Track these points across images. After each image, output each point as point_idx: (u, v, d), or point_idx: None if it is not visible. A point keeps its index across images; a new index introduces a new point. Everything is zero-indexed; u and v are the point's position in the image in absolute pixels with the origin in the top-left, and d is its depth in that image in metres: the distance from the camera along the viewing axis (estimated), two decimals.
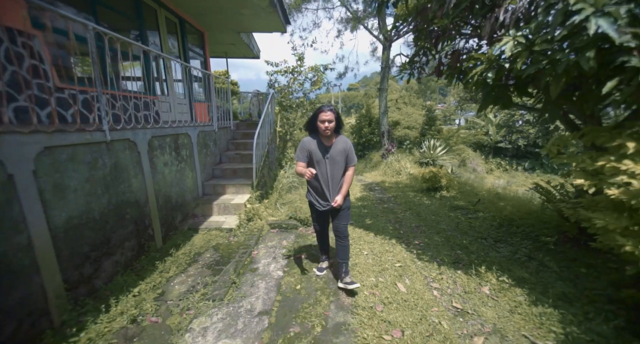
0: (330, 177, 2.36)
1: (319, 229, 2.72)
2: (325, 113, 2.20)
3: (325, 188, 2.38)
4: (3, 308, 1.67)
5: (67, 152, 2.12)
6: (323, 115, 2.20)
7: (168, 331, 2.02)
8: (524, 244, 3.43)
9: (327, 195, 2.39)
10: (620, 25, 1.58)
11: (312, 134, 2.38)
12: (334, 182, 2.38)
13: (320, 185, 2.38)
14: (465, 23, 2.67)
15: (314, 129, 2.33)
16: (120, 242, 2.65)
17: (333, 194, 2.39)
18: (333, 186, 2.38)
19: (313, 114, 2.29)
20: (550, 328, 2.02)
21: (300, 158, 2.33)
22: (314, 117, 2.27)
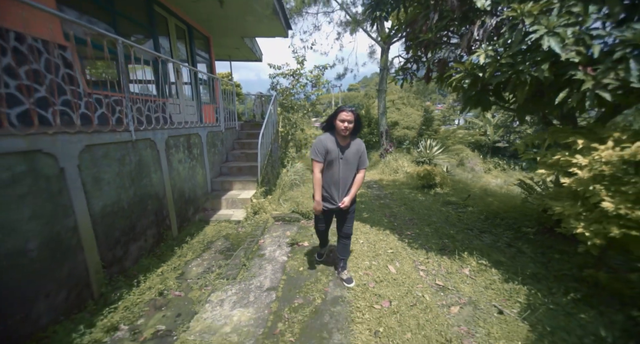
0: (342, 178, 2.35)
1: (321, 230, 2.69)
2: (346, 113, 2.17)
3: (335, 189, 2.37)
4: (58, 277, 2.02)
5: (102, 150, 2.47)
6: (344, 114, 2.17)
7: (190, 302, 2.36)
8: (505, 234, 3.77)
9: (335, 195, 2.39)
10: (567, 44, 1.93)
11: (328, 133, 2.33)
12: (345, 184, 2.37)
13: (330, 185, 2.37)
14: (448, 36, 3.01)
15: (331, 127, 2.30)
16: (144, 230, 3.00)
17: (342, 195, 2.39)
18: (343, 187, 2.38)
19: (333, 112, 2.27)
20: (517, 300, 2.36)
21: (318, 157, 2.28)
22: (334, 116, 2.24)
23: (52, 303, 1.97)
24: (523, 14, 2.00)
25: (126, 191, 2.75)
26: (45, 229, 1.94)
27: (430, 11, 2.74)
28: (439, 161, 9.66)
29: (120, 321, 2.09)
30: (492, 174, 15.71)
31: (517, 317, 2.16)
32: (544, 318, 2.12)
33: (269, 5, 5.35)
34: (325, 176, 2.36)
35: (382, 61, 11.95)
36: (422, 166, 7.48)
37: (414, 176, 7.29)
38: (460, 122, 22.23)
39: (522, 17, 2.00)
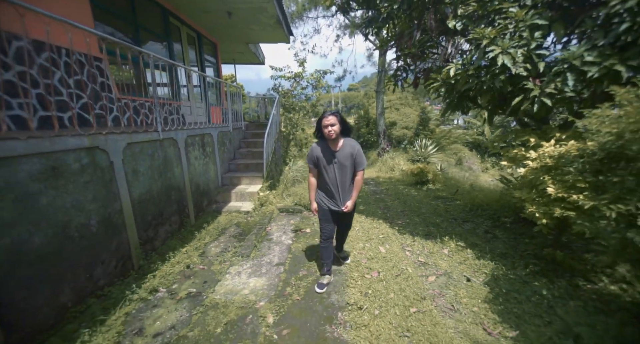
0: (340, 182, 2.37)
1: (327, 235, 2.54)
2: (326, 118, 2.23)
3: (335, 192, 2.42)
4: (110, 249, 2.51)
5: (139, 147, 2.96)
6: (325, 121, 2.24)
7: (213, 273, 2.85)
8: (485, 223, 4.25)
9: (337, 199, 2.44)
10: (517, 61, 2.41)
11: (320, 140, 2.40)
12: (343, 187, 2.40)
13: (330, 189, 2.42)
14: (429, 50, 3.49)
15: (321, 135, 2.36)
16: (169, 216, 3.49)
17: (343, 198, 2.43)
18: (342, 191, 2.40)
19: (317, 121, 2.35)
20: (484, 272, 2.84)
21: (310, 165, 2.43)
22: (319, 124, 2.32)
23: (106, 269, 2.46)
24: (484, 37, 2.48)
25: (156, 182, 3.24)
26: (101, 209, 2.43)
27: (414, 29, 3.23)
28: (433, 159, 10.14)
29: (158, 285, 2.58)
30: (489, 173, 16.15)
31: (482, 284, 2.64)
32: (503, 284, 2.60)
33: (273, 15, 5.83)
34: (324, 181, 2.43)
35: (380, 63, 12.43)
36: (416, 164, 7.95)
37: (409, 173, 7.78)
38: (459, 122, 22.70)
39: (483, 39, 2.48)
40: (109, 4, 3.74)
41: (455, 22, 2.76)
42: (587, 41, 2.27)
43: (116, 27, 3.98)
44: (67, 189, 2.11)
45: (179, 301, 2.40)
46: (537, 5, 2.60)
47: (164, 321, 2.16)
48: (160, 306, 2.33)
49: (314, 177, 2.49)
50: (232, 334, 2.02)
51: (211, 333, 2.02)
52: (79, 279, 2.21)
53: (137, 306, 2.31)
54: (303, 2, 12.76)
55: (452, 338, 1.94)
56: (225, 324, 2.11)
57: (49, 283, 1.96)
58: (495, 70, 2.50)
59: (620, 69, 2.04)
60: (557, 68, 2.32)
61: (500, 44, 2.45)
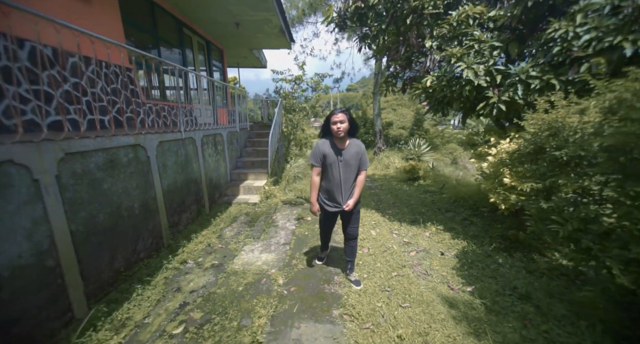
0: (343, 181, 2.36)
1: (324, 231, 2.74)
2: (336, 115, 2.22)
3: (337, 191, 2.38)
4: (147, 229, 3.06)
5: (167, 145, 3.51)
6: (334, 117, 2.22)
7: (230, 250, 3.41)
8: (465, 212, 4.82)
9: (339, 198, 2.41)
10: (479, 75, 2.98)
11: (326, 137, 2.38)
12: (347, 185, 2.38)
13: (333, 188, 2.39)
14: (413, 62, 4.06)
15: (328, 133, 2.36)
16: (189, 205, 4.05)
17: (345, 197, 2.40)
18: (345, 189, 2.39)
19: (326, 118, 2.32)
20: (456, 248, 3.41)
21: (316, 162, 2.36)
22: (327, 121, 2.30)
23: (145, 244, 3.02)
24: (453, 55, 3.05)
25: (179, 175, 3.80)
26: (141, 196, 2.99)
27: (400, 45, 3.80)
28: (426, 158, 10.71)
29: (187, 258, 3.14)
30: None
31: (452, 257, 3.21)
32: (470, 257, 3.17)
33: (276, 25, 6.39)
34: (327, 179, 2.40)
35: (376, 67, 13.00)
36: (408, 162, 8.52)
37: (402, 170, 8.35)
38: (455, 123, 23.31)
39: (452, 56, 3.05)
40: (135, 21, 4.29)
41: (431, 41, 3.33)
42: (532, 59, 2.85)
43: (141, 39, 4.53)
44: (119, 178, 2.67)
45: (205, 270, 2.96)
46: (498, 28, 3.17)
47: (195, 282, 2.71)
48: (191, 273, 2.89)
49: (318, 175, 2.41)
50: (251, 291, 2.58)
51: (235, 290, 2.58)
52: (127, 250, 2.76)
53: (172, 273, 2.87)
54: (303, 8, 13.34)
55: (422, 292, 2.51)
56: (245, 285, 2.67)
57: (108, 250, 2.51)
58: (462, 81, 3.07)
59: (554, 82, 2.62)
60: (510, 80, 2.90)
61: (465, 61, 3.02)
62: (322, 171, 2.41)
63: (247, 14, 5.69)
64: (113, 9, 3.77)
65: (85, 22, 3.20)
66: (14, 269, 1.72)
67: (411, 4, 3.31)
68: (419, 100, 3.82)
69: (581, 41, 2.44)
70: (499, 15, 3.11)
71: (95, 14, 3.46)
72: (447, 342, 1.92)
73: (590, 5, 2.45)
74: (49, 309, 1.93)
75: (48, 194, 1.94)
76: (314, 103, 11.08)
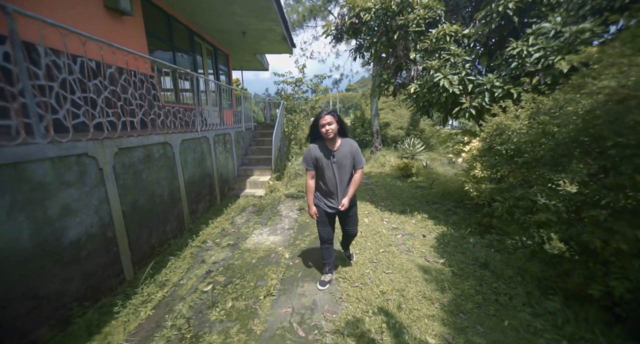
0: (339, 181, 2.33)
1: (325, 237, 2.58)
2: (323, 117, 2.20)
3: (334, 192, 2.37)
4: (174, 213, 3.61)
5: (187, 143, 4.06)
6: (322, 120, 2.20)
7: (242, 233, 3.96)
8: (450, 204, 5.39)
9: (336, 199, 2.39)
10: (454, 84, 3.54)
11: (316, 141, 2.36)
12: (342, 186, 2.36)
13: (329, 189, 2.37)
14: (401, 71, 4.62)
15: (317, 136, 2.33)
16: (204, 196, 4.60)
17: (341, 197, 2.38)
18: (341, 190, 2.36)
19: (313, 121, 2.29)
20: (437, 232, 3.97)
21: (308, 165, 2.36)
22: (315, 124, 2.28)
23: (171, 227, 3.57)
24: (432, 67, 3.61)
25: (196, 169, 4.35)
26: (169, 185, 3.54)
27: (389, 55, 4.36)
28: (420, 156, 11.27)
29: (206, 239, 3.69)
30: None
31: (432, 238, 3.77)
32: (447, 238, 3.72)
33: (279, 34, 6.94)
34: (322, 181, 2.39)
35: (374, 69, 13.55)
36: (402, 160, 9.08)
37: (396, 168, 8.91)
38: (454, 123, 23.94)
39: (431, 68, 3.61)
40: (155, 32, 4.83)
41: (415, 54, 3.89)
42: (497, 71, 3.41)
43: (160, 49, 5.08)
44: (153, 170, 3.22)
45: (223, 248, 3.51)
46: (472, 44, 3.74)
47: (216, 257, 3.27)
48: (211, 250, 3.44)
49: (312, 179, 2.40)
50: (262, 262, 3.13)
51: (249, 262, 3.14)
52: (159, 231, 3.31)
53: (196, 250, 3.42)
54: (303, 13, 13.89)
55: (403, 263, 3.06)
56: (257, 258, 3.22)
57: (146, 229, 3.06)
58: (440, 89, 3.63)
59: (513, 91, 3.18)
60: (479, 89, 3.46)
61: (442, 72, 3.58)
62: (316, 173, 2.39)
63: (252, 24, 6.24)
64: (139, 25, 4.32)
65: (119, 38, 3.76)
66: (89, 236, 2.28)
67: (398, 22, 3.86)
68: (406, 104, 4.37)
69: (532, 58, 3.01)
70: (471, 33, 3.67)
71: (127, 30, 4.01)
72: (418, 295, 2.48)
73: (540, 29, 3.02)
74: (109, 270, 2.48)
75: (108, 180, 2.49)
76: (313, 104, 11.63)
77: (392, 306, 2.33)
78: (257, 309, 2.33)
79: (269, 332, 2.08)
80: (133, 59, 3.41)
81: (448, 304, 2.36)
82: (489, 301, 2.38)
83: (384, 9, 3.95)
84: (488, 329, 2.07)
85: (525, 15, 3.24)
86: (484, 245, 3.49)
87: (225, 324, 2.16)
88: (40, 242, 1.90)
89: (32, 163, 1.86)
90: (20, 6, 1.78)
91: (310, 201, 2.44)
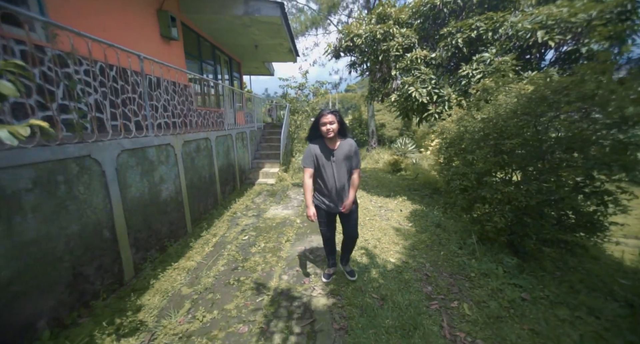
0: (338, 181, 2.33)
1: (327, 235, 2.62)
2: (325, 116, 2.21)
3: (333, 192, 2.36)
4: (212, 191, 4.79)
5: (220, 138, 5.23)
6: (324, 118, 2.21)
7: (262, 208, 5.15)
8: (428, 191, 6.58)
9: (335, 198, 2.38)
10: (423, 95, 4.74)
11: (316, 140, 2.37)
12: (342, 187, 2.35)
13: (328, 189, 2.36)
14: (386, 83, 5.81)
15: (317, 135, 2.34)
16: (229, 181, 5.78)
17: (341, 197, 2.38)
18: (340, 189, 2.36)
19: (315, 120, 2.29)
20: (411, 208, 5.16)
21: (308, 164, 2.34)
22: (316, 122, 2.28)
23: (210, 201, 4.74)
24: (406, 82, 4.81)
25: (224, 159, 5.53)
26: (209, 170, 4.71)
27: (376, 71, 5.55)
28: (410, 155, 12.47)
29: (235, 211, 4.87)
30: None
31: (407, 212, 4.96)
32: (417, 212, 4.91)
33: (286, 47, 8.13)
34: (322, 180, 2.38)
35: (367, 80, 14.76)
36: (392, 157, 10.29)
37: (388, 164, 10.11)
38: None
39: (406, 83, 4.81)
40: (189, 50, 6.01)
41: (395, 71, 5.08)
42: (453, 86, 4.61)
43: (192, 61, 6.27)
44: (200, 158, 4.39)
45: (249, 217, 4.69)
46: (437, 65, 4.93)
47: (246, 222, 4.45)
48: (241, 218, 4.62)
49: (311, 178, 2.38)
50: (280, 225, 4.31)
51: (270, 225, 4.32)
52: (204, 202, 4.49)
53: (230, 217, 4.61)
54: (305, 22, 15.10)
55: (382, 226, 4.25)
56: (276, 223, 4.40)
57: (197, 199, 4.24)
58: (413, 99, 4.82)
59: (464, 102, 4.37)
60: (441, 99, 4.66)
61: (415, 86, 4.78)
62: (315, 173, 2.39)
63: (265, 41, 7.43)
64: (180, 46, 5.50)
65: (168, 57, 4.95)
66: (170, 198, 3.45)
67: (382, 47, 5.06)
68: (390, 109, 5.56)
69: (475, 78, 4.20)
70: (437, 56, 4.86)
71: (173, 50, 5.20)
72: (389, 241, 3.66)
73: (481, 58, 4.22)
74: (180, 222, 3.66)
75: (179, 162, 3.67)
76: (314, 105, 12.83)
77: (371, 246, 3.52)
78: (281, 247, 3.52)
79: (291, 257, 3.27)
80: (178, 73, 4.59)
81: (408, 246, 3.55)
82: (434, 243, 3.58)
83: (372, 36, 5.15)
84: (429, 255, 3.27)
85: (472, 46, 4.44)
86: (445, 217, 4.68)
87: (262, 253, 3.35)
88: (151, 197, 3.08)
89: (148, 148, 3.04)
90: (117, 43, 2.96)
91: (309, 200, 2.35)
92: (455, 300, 2.43)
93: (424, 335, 2.01)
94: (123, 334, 2.01)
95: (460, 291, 2.57)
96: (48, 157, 1.92)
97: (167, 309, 2.31)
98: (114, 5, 3.91)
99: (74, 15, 3.22)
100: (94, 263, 2.30)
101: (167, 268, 2.93)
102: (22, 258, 1.77)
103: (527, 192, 2.68)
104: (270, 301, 2.45)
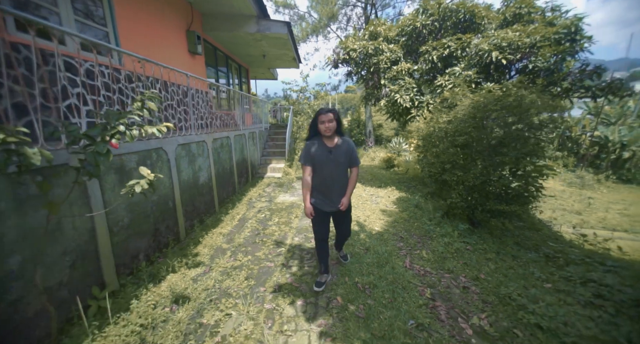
0: (336, 179, 2.35)
1: (321, 237, 2.56)
2: (323, 115, 2.25)
3: (331, 190, 2.38)
4: (231, 181, 5.77)
5: (237, 137, 6.21)
6: (322, 117, 2.26)
7: (272, 196, 6.13)
8: (415, 183, 7.57)
9: (333, 197, 2.40)
10: (406, 100, 5.72)
11: (314, 138, 2.39)
12: (340, 183, 2.38)
13: (326, 187, 2.38)
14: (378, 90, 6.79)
15: (315, 133, 2.37)
16: (243, 174, 6.76)
17: (339, 195, 2.39)
18: (338, 187, 2.37)
19: (313, 118, 2.32)
20: (398, 196, 6.14)
21: (305, 161, 2.37)
22: (314, 121, 2.31)
23: (230, 189, 5.72)
24: (392, 90, 5.80)
25: (240, 155, 6.51)
26: (229, 163, 5.70)
27: (369, 80, 6.54)
28: (404, 152, 13.45)
29: (251, 197, 5.86)
30: None
31: (394, 199, 5.95)
32: (403, 199, 5.89)
33: (291, 56, 9.12)
34: (319, 178, 2.39)
35: None
36: (386, 154, 11.27)
37: (382, 161, 11.09)
38: None
39: (392, 91, 5.79)
40: (209, 61, 7.00)
41: (384, 81, 6.07)
42: (431, 94, 5.60)
43: (209, 68, 7.26)
44: (223, 153, 5.37)
45: (263, 202, 5.67)
46: (418, 76, 5.92)
47: (260, 205, 5.42)
48: (256, 202, 5.60)
49: (309, 175, 2.40)
50: (289, 207, 5.29)
51: (281, 207, 5.29)
52: (226, 191, 5.47)
53: (246, 201, 5.59)
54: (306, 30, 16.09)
55: (373, 208, 5.22)
56: (285, 206, 5.38)
57: (221, 187, 5.21)
58: (398, 104, 5.81)
59: (439, 107, 5.36)
60: (421, 104, 5.64)
61: (399, 93, 5.76)
62: (313, 170, 2.39)
63: (272, 51, 8.41)
64: (202, 59, 6.49)
65: (192, 68, 5.94)
66: (204, 184, 4.44)
67: (373, 61, 6.04)
68: (381, 113, 6.54)
69: (448, 88, 5.19)
70: (419, 68, 5.84)
71: (197, 63, 6.19)
72: (376, 218, 4.64)
73: (452, 71, 5.21)
74: (211, 203, 4.64)
75: (210, 156, 4.64)
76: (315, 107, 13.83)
77: (361, 220, 4.51)
78: (291, 221, 4.50)
79: (300, 227, 4.26)
80: (200, 82, 5.56)
81: (390, 220, 4.53)
82: (412, 218, 4.57)
83: (365, 51, 6.13)
84: (406, 226, 4.26)
85: (446, 61, 5.42)
86: (424, 201, 5.66)
87: (277, 225, 4.33)
88: (194, 180, 4.06)
89: (191, 143, 4.02)
90: (156, 58, 3.95)
91: (307, 198, 2.41)
92: (418, 250, 3.42)
93: (392, 267, 2.99)
94: (190, 267, 2.99)
95: (422, 245, 3.56)
96: (143, 148, 2.91)
97: (216, 255, 3.29)
98: (154, 28, 4.88)
99: (133, 45, 4.21)
100: (164, 223, 3.28)
101: (208, 232, 3.91)
102: (133, 212, 2.75)
103: (474, 175, 3.67)
104: (287, 250, 3.44)
